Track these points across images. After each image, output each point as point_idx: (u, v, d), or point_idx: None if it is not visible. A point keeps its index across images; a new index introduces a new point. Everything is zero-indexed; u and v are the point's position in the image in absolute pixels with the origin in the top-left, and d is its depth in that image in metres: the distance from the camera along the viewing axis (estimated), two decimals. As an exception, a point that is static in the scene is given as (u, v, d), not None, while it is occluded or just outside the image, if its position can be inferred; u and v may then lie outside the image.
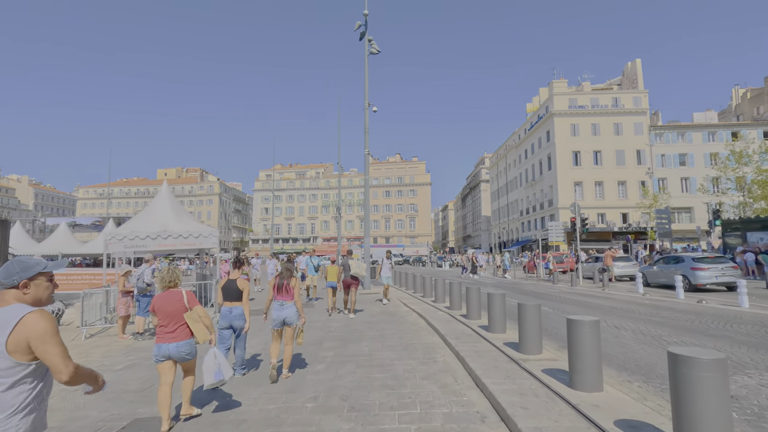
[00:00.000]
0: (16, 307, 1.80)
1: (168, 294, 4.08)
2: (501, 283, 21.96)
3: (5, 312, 1.79)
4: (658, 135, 50.69)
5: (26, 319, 1.76)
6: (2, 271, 1.88)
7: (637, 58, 53.77)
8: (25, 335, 1.74)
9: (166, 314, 3.96)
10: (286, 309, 5.43)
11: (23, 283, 1.87)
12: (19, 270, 1.88)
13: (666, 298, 13.29)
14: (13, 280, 1.86)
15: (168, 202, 13.28)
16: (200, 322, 4.03)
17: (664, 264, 18.59)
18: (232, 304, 5.41)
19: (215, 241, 12.71)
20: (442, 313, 10.40)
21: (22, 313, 1.77)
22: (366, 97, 19.33)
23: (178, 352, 3.91)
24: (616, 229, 48.80)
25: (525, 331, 5.98)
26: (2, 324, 1.75)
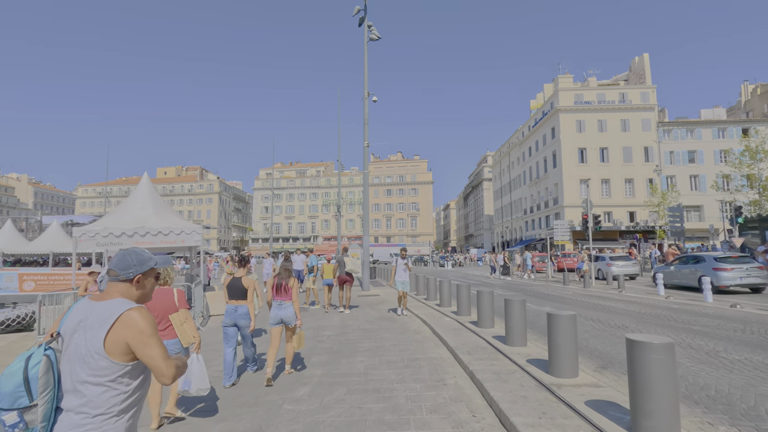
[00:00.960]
0: (119, 302, 1.68)
1: (159, 291, 4.00)
2: (509, 285, 20.79)
3: (107, 307, 1.66)
4: (666, 131, 49.39)
5: (125, 316, 1.63)
6: (118, 262, 1.76)
7: (644, 53, 52.40)
8: (123, 335, 1.61)
9: (156, 312, 3.91)
10: (284, 309, 5.43)
11: (137, 278, 1.77)
12: (136, 263, 1.77)
13: (692, 302, 12.10)
14: (129, 273, 1.75)
15: (148, 197, 12.15)
16: (184, 325, 3.96)
17: (682, 264, 17.43)
18: (238, 302, 5.36)
19: (199, 238, 11.57)
20: (449, 319, 9.23)
21: (121, 309, 1.64)
22: (365, 87, 18.17)
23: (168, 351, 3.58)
24: (623, 228, 47.55)
25: (557, 347, 4.81)
26: (102, 320, 1.63)
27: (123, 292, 1.74)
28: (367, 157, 17.92)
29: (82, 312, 1.68)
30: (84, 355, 1.61)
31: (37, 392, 1.58)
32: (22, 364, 1.59)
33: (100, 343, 1.60)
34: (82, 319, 1.66)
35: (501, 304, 11.73)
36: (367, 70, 18.38)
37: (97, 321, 1.63)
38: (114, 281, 1.75)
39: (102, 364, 1.60)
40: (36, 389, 1.57)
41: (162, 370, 1.65)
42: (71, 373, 1.62)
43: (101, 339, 1.61)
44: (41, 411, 1.59)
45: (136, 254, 1.80)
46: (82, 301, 1.73)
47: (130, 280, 1.75)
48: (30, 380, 1.57)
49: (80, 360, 1.61)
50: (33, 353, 1.62)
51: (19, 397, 1.56)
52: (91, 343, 1.61)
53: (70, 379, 1.62)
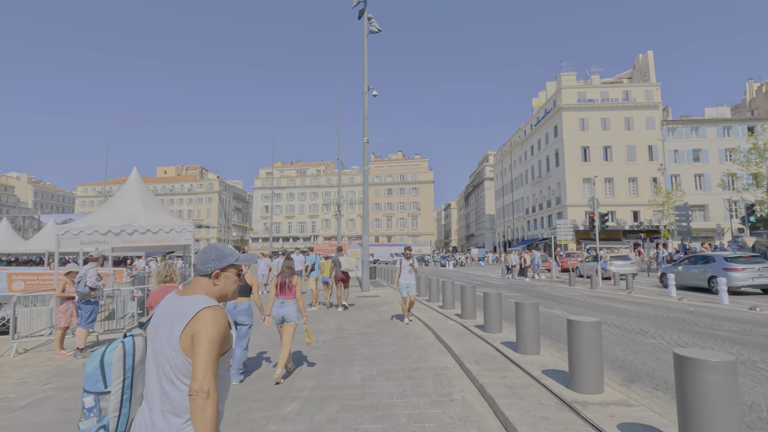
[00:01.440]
0: (199, 299, 1.63)
1: (164, 289, 3.99)
2: (512, 285, 20.20)
3: (188, 302, 1.63)
4: (670, 130, 48.73)
5: (200, 314, 1.58)
6: (199, 257, 1.75)
7: (648, 50, 51.73)
8: (192, 331, 1.56)
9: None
10: (286, 307, 5.40)
11: (215, 273, 1.73)
12: (214, 258, 1.74)
13: (707, 304, 11.51)
14: (207, 267, 1.72)
15: (137, 193, 11.57)
16: None
17: (691, 264, 16.87)
18: (238, 299, 5.28)
19: (189, 237, 10.99)
20: (453, 323, 8.65)
21: (199, 306, 1.59)
22: (365, 81, 17.60)
23: None
24: (627, 227, 46.93)
25: (579, 358, 4.23)
26: (182, 315, 1.59)
27: (204, 287, 1.72)
28: (367, 153, 17.35)
29: (169, 306, 1.66)
30: (165, 351, 1.58)
31: (111, 379, 1.57)
32: (103, 348, 1.62)
33: (176, 338, 1.57)
34: (167, 313, 1.64)
35: (509, 306, 11.20)
36: (367, 63, 17.81)
37: (178, 316, 1.61)
38: (197, 276, 1.74)
39: (178, 362, 1.56)
40: (110, 375, 1.57)
41: (198, 377, 1.51)
42: (157, 369, 1.58)
43: (178, 335, 1.57)
44: (113, 400, 1.58)
45: (216, 249, 1.77)
46: (170, 295, 1.72)
47: (209, 275, 1.72)
48: (105, 365, 1.58)
49: (163, 356, 1.58)
50: (115, 340, 1.64)
51: (96, 380, 1.57)
52: (172, 339, 1.58)
53: (156, 374, 1.59)
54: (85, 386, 1.59)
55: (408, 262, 9.23)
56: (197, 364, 1.53)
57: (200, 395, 1.49)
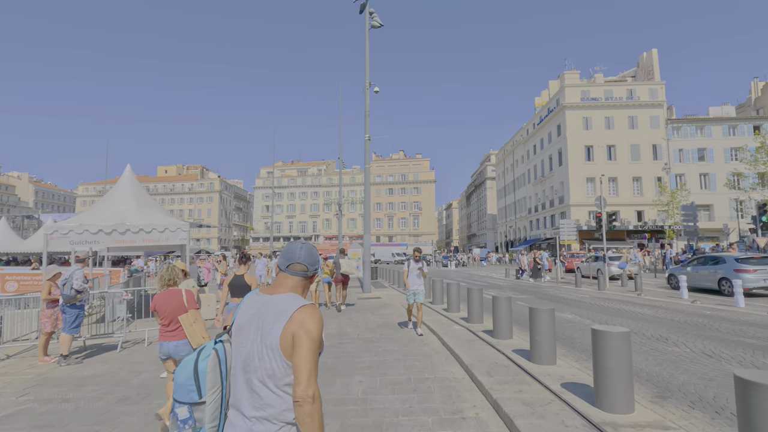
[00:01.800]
0: (293, 297, 1.55)
1: (167, 293, 4.01)
2: (517, 286, 19.75)
3: (282, 301, 1.54)
4: (675, 129, 48.19)
5: (300, 312, 1.49)
6: (308, 257, 1.65)
7: (653, 48, 51.18)
8: (292, 330, 1.47)
9: (166, 313, 3.92)
10: None
11: (313, 276, 1.68)
12: (318, 259, 1.69)
13: (722, 307, 11.05)
14: (314, 269, 1.68)
15: (130, 191, 11.17)
16: (194, 326, 3.95)
17: (700, 265, 16.44)
18: (240, 300, 5.19)
19: (184, 236, 10.57)
20: (460, 327, 8.21)
21: (297, 304, 1.51)
22: (366, 77, 17.17)
23: (177, 352, 3.90)
24: (630, 227, 46.41)
25: (606, 373, 3.79)
26: (278, 314, 1.50)
27: (294, 286, 1.62)
28: (369, 151, 16.93)
29: (256, 305, 1.57)
30: (259, 352, 1.48)
31: (206, 388, 1.47)
32: (194, 356, 1.52)
33: (275, 339, 1.46)
34: (255, 312, 1.55)
35: (517, 310, 10.75)
36: (368, 59, 17.38)
37: (272, 315, 1.51)
38: (288, 274, 1.62)
39: (276, 365, 1.45)
40: (204, 385, 1.47)
41: (302, 380, 1.42)
42: (247, 373, 1.48)
43: (277, 335, 1.47)
44: (209, 410, 1.49)
45: (315, 250, 1.71)
46: (253, 294, 1.63)
47: (306, 276, 1.65)
48: (199, 374, 1.48)
49: (256, 359, 1.48)
50: (205, 346, 1.54)
51: (190, 390, 1.47)
52: (266, 339, 1.48)
53: (245, 379, 1.48)
54: (176, 396, 1.49)
55: (417, 265, 8.23)
56: (301, 366, 1.43)
57: (307, 401, 1.39)
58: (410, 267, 8.26)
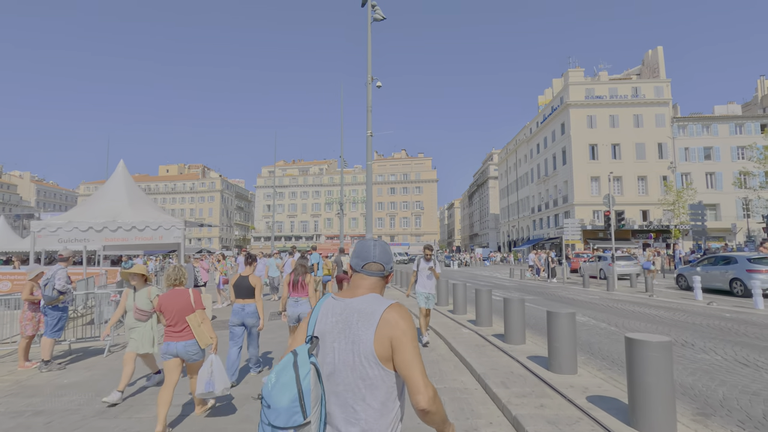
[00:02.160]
0: (376, 299, 1.44)
1: (174, 293, 4.00)
2: (524, 287, 19.25)
3: (365, 303, 1.42)
4: (681, 127, 47.57)
5: (391, 314, 1.38)
6: (383, 255, 1.54)
7: (658, 46, 50.56)
8: (387, 334, 1.35)
9: (172, 313, 3.88)
10: (301, 305, 5.39)
11: (390, 275, 1.57)
12: (392, 257, 1.58)
13: (741, 309, 10.55)
14: (390, 267, 1.56)
15: (122, 187, 10.73)
16: (202, 326, 3.95)
17: (710, 265, 15.99)
18: (245, 301, 5.24)
19: (179, 234, 10.13)
20: (468, 331, 7.74)
21: (383, 305, 1.40)
22: (369, 71, 16.69)
23: (186, 351, 3.88)
24: (636, 227, 45.81)
25: (645, 389, 3.32)
26: (365, 318, 1.38)
27: (373, 287, 1.50)
28: (371, 147, 16.44)
29: (336, 311, 1.44)
30: (350, 362, 1.36)
31: (310, 408, 1.32)
32: (292, 373, 1.33)
33: (369, 345, 1.34)
34: (338, 319, 1.42)
35: (529, 312, 10.25)
36: (370, 53, 16.90)
37: (359, 321, 1.38)
38: (365, 275, 1.51)
39: (372, 373, 1.33)
40: (309, 404, 1.32)
41: (419, 386, 1.30)
42: (337, 386, 1.37)
43: (370, 341, 1.34)
44: (312, 429, 1.35)
45: (388, 247, 1.58)
46: (330, 299, 1.50)
47: (383, 275, 1.53)
48: (304, 393, 1.32)
49: (347, 368, 1.36)
50: (296, 360, 1.35)
51: (294, 413, 1.31)
52: (359, 348, 1.36)
53: (337, 392, 1.37)
54: (276, 423, 1.30)
55: (428, 264, 7.11)
56: (413, 371, 1.31)
57: (432, 407, 1.29)
58: (420, 267, 7.19)
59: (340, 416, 1.35)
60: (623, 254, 25.56)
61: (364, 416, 1.32)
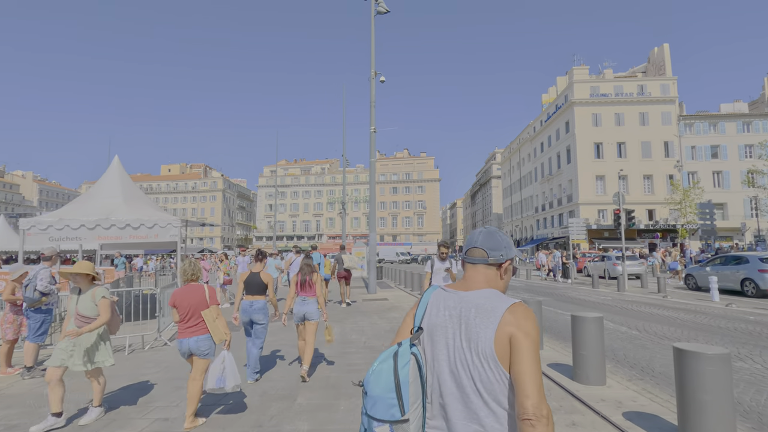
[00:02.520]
0: (495, 294, 1.31)
1: (189, 288, 3.97)
2: (530, 286, 18.78)
3: (483, 298, 1.29)
4: (687, 125, 46.95)
5: (514, 312, 1.23)
6: (487, 240, 1.39)
7: (664, 43, 49.93)
8: (508, 333, 1.22)
9: (186, 308, 3.87)
10: (307, 305, 5.37)
11: (507, 264, 1.39)
12: (506, 244, 1.40)
13: (761, 311, 10.05)
14: (500, 256, 1.38)
15: (117, 183, 10.33)
16: (217, 321, 3.92)
17: (721, 265, 15.57)
18: (254, 297, 5.21)
19: (175, 232, 9.72)
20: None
21: (505, 302, 1.27)
22: (372, 66, 16.26)
23: (198, 347, 3.84)
24: (642, 226, 45.20)
25: (701, 408, 2.86)
26: (486, 312, 1.26)
27: (489, 279, 1.36)
28: (374, 144, 16.00)
29: (449, 303, 1.33)
30: (466, 360, 1.24)
31: (408, 403, 1.21)
32: (391, 362, 1.25)
33: (488, 345, 1.22)
34: (451, 312, 1.31)
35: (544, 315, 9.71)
36: (374, 47, 16.46)
37: (477, 316, 1.27)
38: (476, 264, 1.38)
39: (491, 376, 1.21)
40: (407, 399, 1.21)
41: (532, 394, 1.13)
42: (446, 384, 1.26)
43: (490, 340, 1.22)
44: (412, 430, 1.23)
45: (502, 234, 1.42)
46: (440, 291, 1.39)
47: (498, 264, 1.37)
48: (401, 385, 1.22)
49: (461, 367, 1.24)
50: (398, 350, 1.27)
51: (391, 405, 1.22)
52: (476, 346, 1.24)
53: (447, 391, 1.25)
54: (372, 413, 1.23)
55: (443, 265, 6.21)
56: (526, 376, 1.17)
57: (541, 420, 1.11)
58: (434, 268, 6.25)
59: (455, 418, 1.24)
60: (629, 254, 25.18)
61: (488, 422, 1.21)
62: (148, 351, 7.13)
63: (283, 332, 8.08)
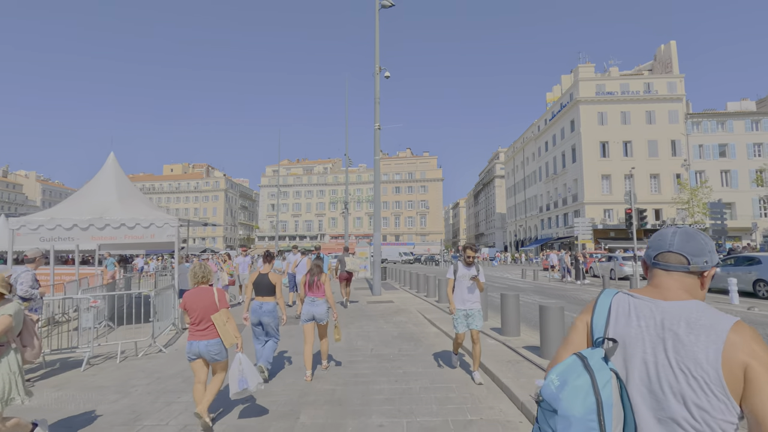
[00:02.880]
0: (705, 307, 1.13)
1: (199, 291, 3.94)
2: (540, 288, 18.30)
3: (693, 310, 1.12)
4: (695, 124, 46.29)
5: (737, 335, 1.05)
6: (686, 242, 1.20)
7: (671, 40, 49.27)
8: (743, 361, 1.02)
9: (197, 311, 3.85)
10: (316, 305, 5.36)
11: (712, 271, 1.21)
12: (710, 249, 1.21)
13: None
14: (704, 262, 1.19)
15: (112, 181, 9.92)
16: (227, 325, 3.88)
17: (732, 266, 15.19)
18: (264, 299, 5.22)
19: (172, 232, 9.30)
20: (495, 342, 6.82)
21: (726, 320, 1.08)
22: (377, 61, 15.81)
23: (208, 351, 3.82)
24: (649, 226, 44.52)
25: None
26: (703, 329, 1.08)
27: (690, 289, 1.19)
28: (379, 141, 15.56)
29: (643, 313, 1.16)
30: (677, 385, 1.07)
31: (611, 427, 1.06)
32: (587, 378, 1.08)
33: (711, 370, 1.03)
34: (649, 324, 1.14)
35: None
36: (378, 42, 16.01)
37: (690, 333, 1.08)
38: (661, 270, 1.22)
39: (709, 403, 1.03)
40: (609, 423, 1.06)
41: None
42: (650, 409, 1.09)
43: (713, 363, 1.03)
44: None
45: (703, 236, 1.22)
46: (620, 296, 1.24)
47: (700, 273, 1.19)
48: (604, 406, 1.07)
49: (671, 392, 1.07)
50: (588, 364, 1.10)
51: (590, 428, 1.06)
52: (689, 367, 1.06)
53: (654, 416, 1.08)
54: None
55: (469, 272, 5.19)
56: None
57: None
58: (458, 274, 5.22)
59: None
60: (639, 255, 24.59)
61: None
62: (141, 358, 6.72)
63: (285, 339, 7.64)
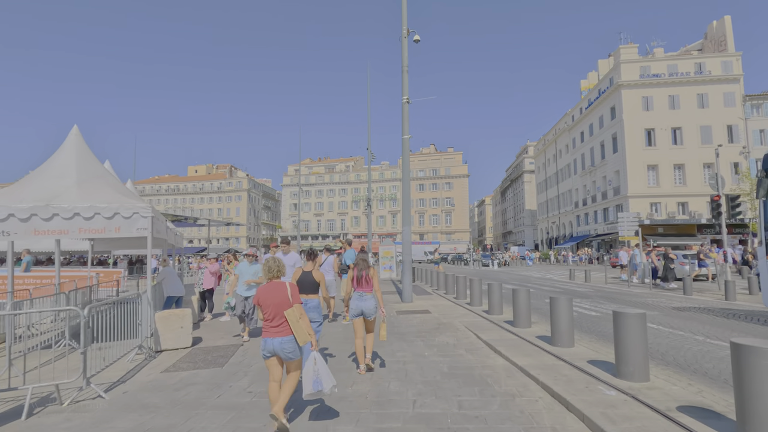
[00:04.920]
0: None
1: (273, 285, 3.85)
2: (603, 293, 15.33)
3: None
4: (755, 106, 41.65)
5: None
6: None
7: (725, 15, 44.55)
8: None
9: (270, 307, 3.75)
10: (365, 300, 5.34)
11: None
12: None
13: None
14: None
15: (72, 161, 7.77)
16: (300, 321, 3.74)
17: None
18: (307, 296, 5.16)
19: (144, 224, 7.09)
20: (566, 365, 4.19)
21: None
22: (404, 23, 13.34)
23: (282, 349, 3.70)
24: (703, 221, 40.32)
25: None
26: None
27: None
28: (407, 118, 13.06)
29: None
30: None
31: None
32: None
33: None
34: None
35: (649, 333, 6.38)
36: (405, 2, 13.52)
37: None
38: None
39: None
40: None
41: None
42: None
43: None
44: None
45: None
46: None
47: None
48: None
49: None
50: None
51: None
52: None
53: None
54: None
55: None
56: None
57: None
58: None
59: None
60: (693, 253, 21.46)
61: None
62: (65, 410, 4.46)
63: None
